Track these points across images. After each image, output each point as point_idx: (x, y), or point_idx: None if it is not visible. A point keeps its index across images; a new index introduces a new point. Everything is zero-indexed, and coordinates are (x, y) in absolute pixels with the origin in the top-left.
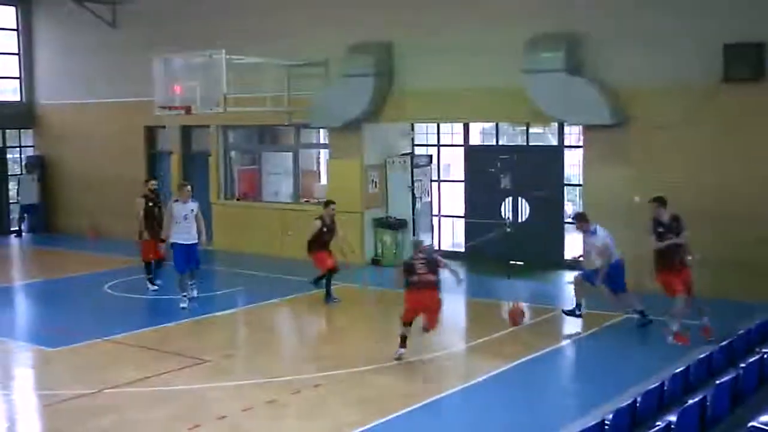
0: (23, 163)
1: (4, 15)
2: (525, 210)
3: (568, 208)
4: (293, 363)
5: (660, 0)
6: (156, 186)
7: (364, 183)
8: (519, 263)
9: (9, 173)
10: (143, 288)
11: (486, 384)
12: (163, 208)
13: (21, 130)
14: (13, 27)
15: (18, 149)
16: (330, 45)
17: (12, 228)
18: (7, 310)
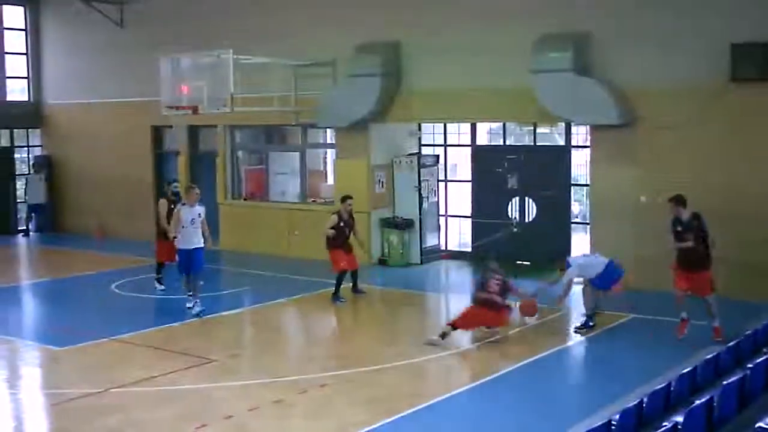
0: (31, 163)
1: (12, 15)
2: (532, 210)
3: (575, 208)
4: (300, 363)
5: (667, 0)
6: (177, 188)
7: (371, 183)
8: (526, 263)
9: (17, 173)
10: (150, 288)
11: (493, 384)
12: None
13: (29, 129)
14: (21, 27)
15: (26, 149)
16: (337, 45)
17: (19, 227)
18: (15, 309)
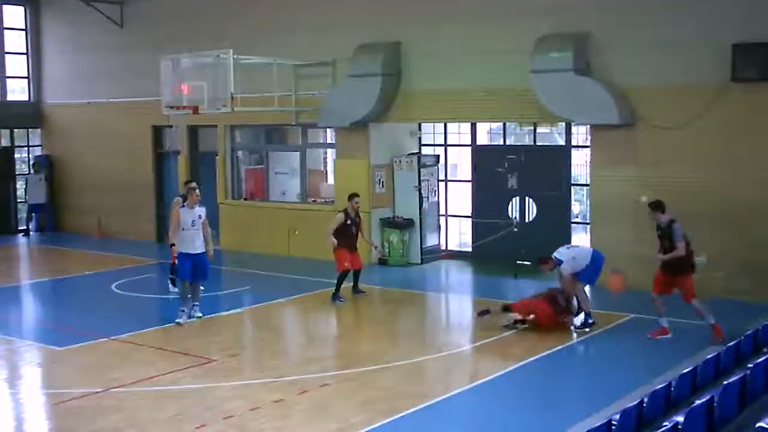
0: (31, 163)
1: (12, 15)
2: (532, 210)
3: (575, 207)
4: (300, 362)
5: (668, 0)
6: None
7: (371, 183)
8: (526, 263)
9: (17, 172)
10: (150, 287)
11: (493, 384)
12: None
13: (29, 129)
14: (22, 27)
15: (26, 148)
16: (337, 45)
17: (20, 227)
18: (15, 309)
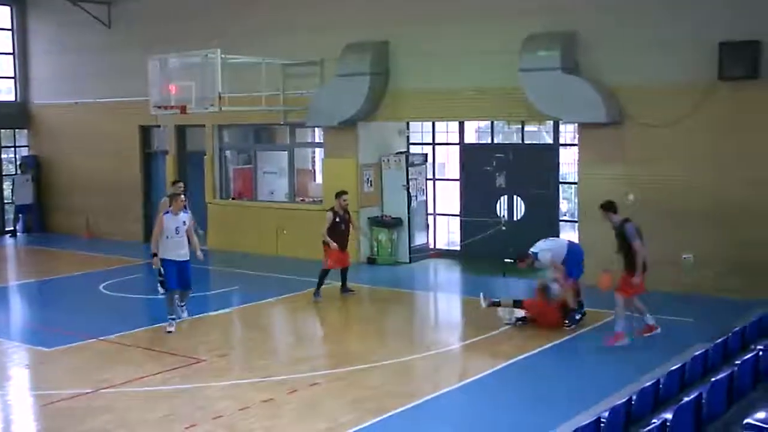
0: (18, 163)
1: None
2: (520, 208)
3: (563, 206)
4: (289, 362)
5: (656, 0)
6: (182, 188)
7: (359, 182)
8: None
9: (3, 173)
10: (139, 288)
11: (482, 382)
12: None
13: (15, 129)
14: (8, 27)
15: (12, 149)
16: (325, 44)
17: (7, 228)
18: (3, 310)
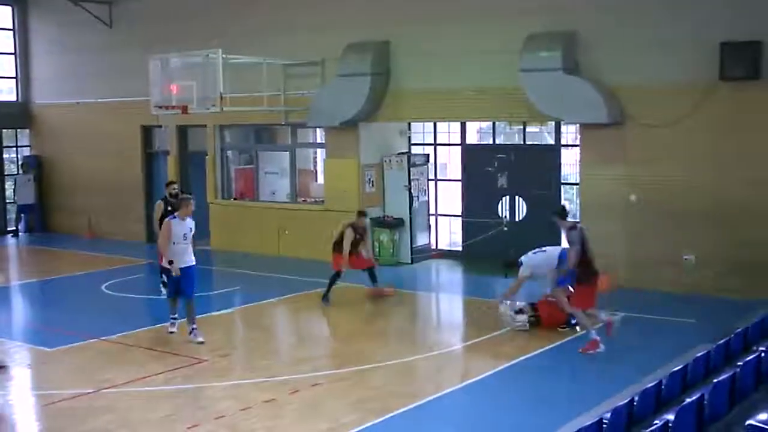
0: (20, 163)
1: (0, 14)
2: (522, 209)
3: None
4: (291, 362)
5: (657, 0)
6: (176, 190)
7: (361, 182)
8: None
9: (5, 173)
10: (141, 288)
11: (484, 383)
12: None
13: (17, 129)
14: (9, 27)
15: (14, 149)
16: (326, 44)
17: (9, 228)
18: (5, 310)
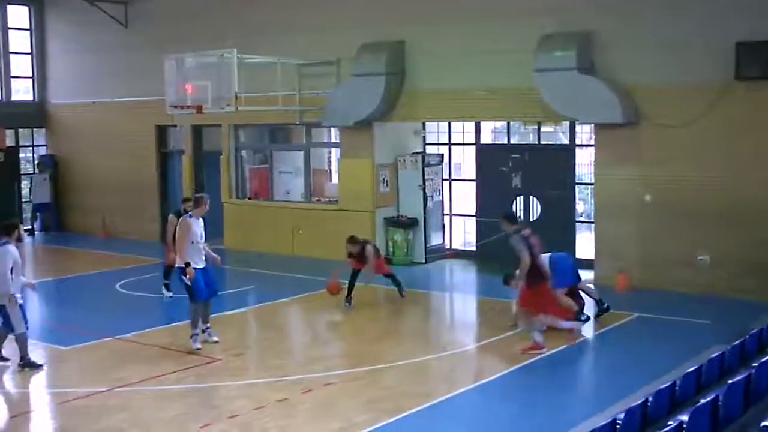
0: (35, 162)
1: (17, 15)
2: (536, 209)
3: (579, 206)
4: (304, 362)
5: None
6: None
7: (375, 182)
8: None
9: (21, 172)
10: (154, 287)
11: (497, 383)
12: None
13: (33, 129)
14: (26, 27)
15: (30, 148)
16: (341, 44)
17: (25, 227)
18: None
